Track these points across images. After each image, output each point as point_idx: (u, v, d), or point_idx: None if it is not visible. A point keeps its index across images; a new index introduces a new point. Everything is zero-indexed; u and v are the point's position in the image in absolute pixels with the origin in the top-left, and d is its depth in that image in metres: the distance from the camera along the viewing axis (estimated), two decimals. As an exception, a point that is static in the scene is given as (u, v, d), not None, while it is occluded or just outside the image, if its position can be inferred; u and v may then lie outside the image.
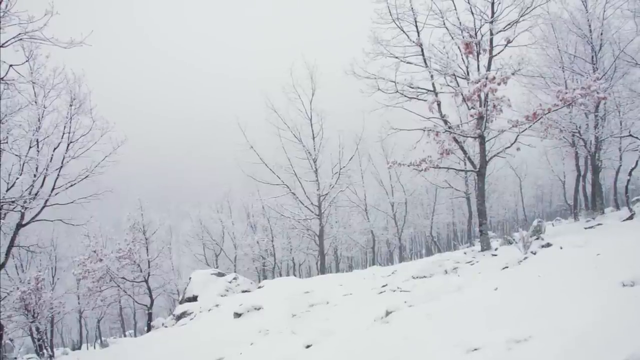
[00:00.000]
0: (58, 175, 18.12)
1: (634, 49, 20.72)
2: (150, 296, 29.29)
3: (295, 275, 41.80)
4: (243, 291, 22.01)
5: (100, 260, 27.51)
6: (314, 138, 29.69)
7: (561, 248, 12.14)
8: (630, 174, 21.13)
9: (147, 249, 30.99)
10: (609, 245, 10.08)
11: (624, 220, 17.12)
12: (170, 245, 42.32)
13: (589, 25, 21.56)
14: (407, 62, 17.56)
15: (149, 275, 29.54)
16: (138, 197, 32.92)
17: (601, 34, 21.47)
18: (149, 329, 26.06)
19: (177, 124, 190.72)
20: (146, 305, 29.45)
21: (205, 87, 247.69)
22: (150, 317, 28.64)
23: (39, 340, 23.53)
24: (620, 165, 24.77)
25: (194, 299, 21.94)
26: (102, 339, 35.54)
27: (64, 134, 18.27)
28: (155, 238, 33.48)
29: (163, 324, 21.53)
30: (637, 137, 20.91)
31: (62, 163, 18.18)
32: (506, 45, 16.63)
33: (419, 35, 17.23)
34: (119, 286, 29.00)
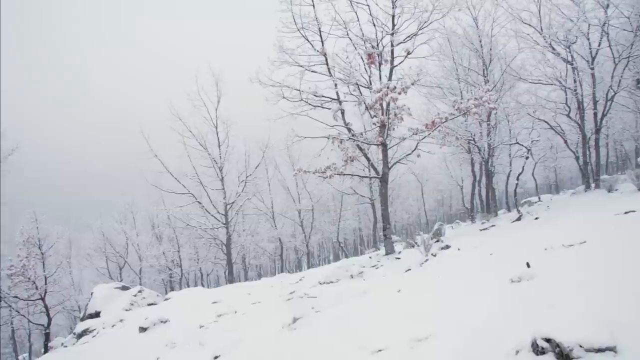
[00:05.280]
0: None
1: (518, 64, 22.52)
2: (48, 315, 27.21)
3: (203, 286, 40.81)
4: (149, 304, 21.09)
5: (-12, 279, 25.19)
6: (219, 146, 29.32)
7: (459, 249, 12.84)
8: (517, 179, 22.76)
9: (43, 264, 28.83)
10: (500, 246, 10.81)
11: (513, 222, 18.40)
12: (69, 259, 39.92)
13: (480, 41, 23.15)
14: (312, 71, 17.78)
15: (45, 293, 27.44)
16: (32, 209, 30.56)
17: (490, 49, 23.19)
18: (46, 351, 24.19)
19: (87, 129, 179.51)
20: (43, 325, 27.33)
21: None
22: (47, 338, 26.58)
23: None
24: (511, 171, 26.53)
25: (96, 315, 20.69)
26: (-10, 366, 32.58)
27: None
28: (53, 252, 31.27)
29: (62, 344, 20.15)
30: (523, 145, 22.60)
31: None
32: (406, 57, 17.36)
33: (323, 45, 17.50)
34: (10, 306, 26.74)
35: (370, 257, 18.68)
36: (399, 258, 15.90)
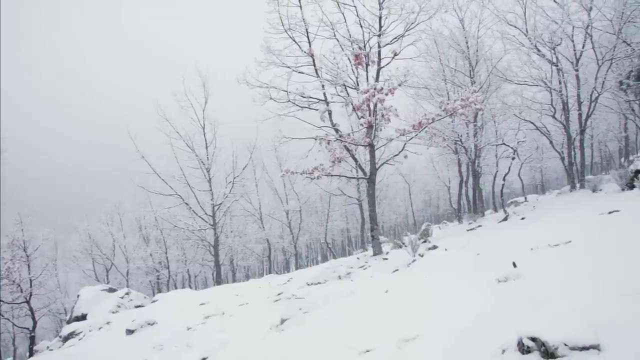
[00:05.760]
0: None
1: (504, 66, 22.72)
2: (33, 318, 26.99)
3: (190, 287, 40.70)
4: (136, 306, 20.98)
5: (-29, 282, 24.86)
6: (207, 147, 29.28)
7: (446, 250, 12.88)
8: (504, 179, 22.94)
9: (28, 267, 28.65)
10: (487, 246, 10.85)
11: (500, 222, 18.49)
12: (55, 262, 39.38)
13: (467, 42, 23.31)
14: (299, 72, 17.70)
15: (30, 295, 27.22)
16: (17, 211, 30.23)
17: (477, 50, 23.34)
18: (31, 354, 23.96)
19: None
20: (28, 329, 27.08)
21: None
22: (32, 341, 26.35)
23: None
24: (497, 171, 26.76)
25: (82, 317, 20.52)
26: (-28, 371, 32.15)
27: None
28: (39, 254, 31.08)
29: (48, 347, 19.94)
30: (509, 145, 22.80)
31: None
32: (393, 58, 17.42)
33: (310, 46, 17.44)
34: (-6, 310, 26.34)
35: (358, 258, 18.68)
36: (386, 259, 15.92)
